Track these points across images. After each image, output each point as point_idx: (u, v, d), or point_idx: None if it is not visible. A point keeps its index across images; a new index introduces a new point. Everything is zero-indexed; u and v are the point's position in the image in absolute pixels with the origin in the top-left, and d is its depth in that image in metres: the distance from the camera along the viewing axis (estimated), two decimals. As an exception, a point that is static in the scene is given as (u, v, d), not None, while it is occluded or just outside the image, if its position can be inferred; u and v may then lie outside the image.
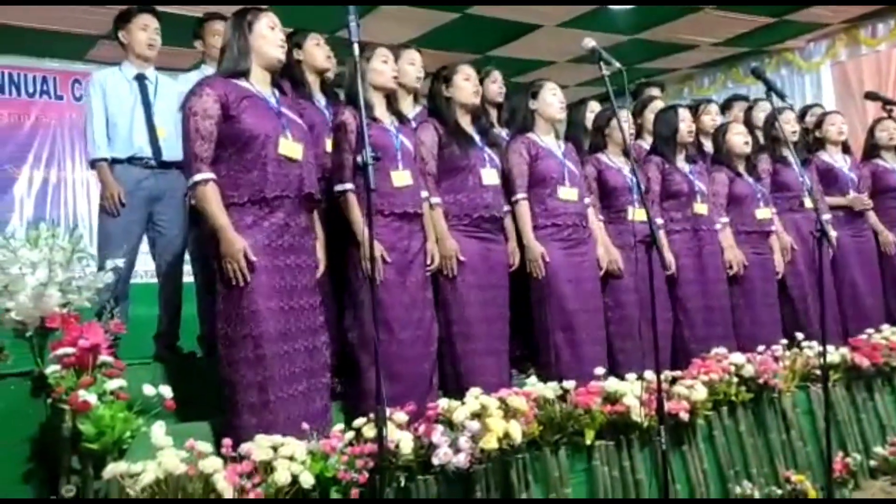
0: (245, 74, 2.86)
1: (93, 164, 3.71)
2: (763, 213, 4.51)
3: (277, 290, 2.73)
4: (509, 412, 2.82)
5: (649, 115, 4.56)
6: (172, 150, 3.70)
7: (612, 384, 3.19)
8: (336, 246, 3.20)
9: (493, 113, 4.22)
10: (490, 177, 3.54)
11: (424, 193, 3.37)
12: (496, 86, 4.23)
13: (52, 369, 2.45)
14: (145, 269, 4.00)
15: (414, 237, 3.24)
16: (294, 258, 2.81)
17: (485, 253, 3.49)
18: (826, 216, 4.72)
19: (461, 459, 2.60)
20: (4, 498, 2.40)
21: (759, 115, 5.05)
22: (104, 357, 2.50)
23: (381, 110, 3.28)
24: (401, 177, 3.20)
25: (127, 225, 3.62)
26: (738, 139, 4.52)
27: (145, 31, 3.77)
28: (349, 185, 3.14)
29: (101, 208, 3.69)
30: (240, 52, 2.85)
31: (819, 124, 5.16)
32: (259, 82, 2.88)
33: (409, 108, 3.76)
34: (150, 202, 3.69)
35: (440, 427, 2.68)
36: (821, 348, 3.56)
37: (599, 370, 3.33)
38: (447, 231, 3.41)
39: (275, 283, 2.73)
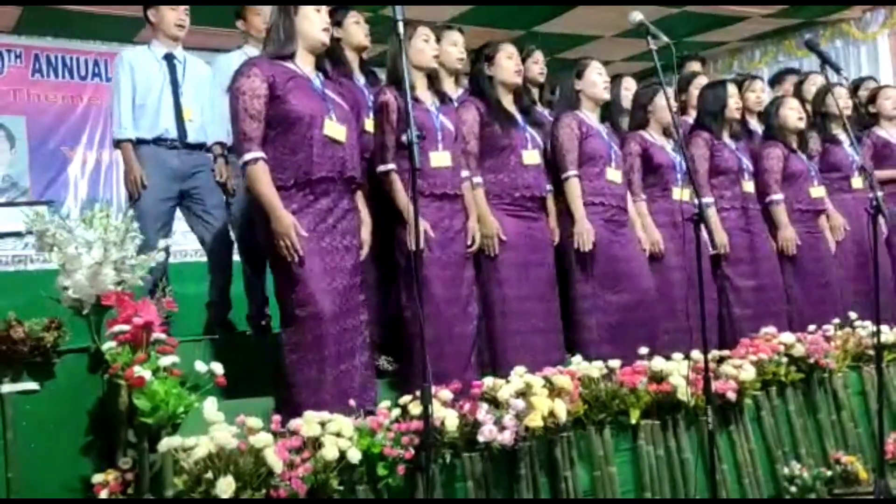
0: (291, 56, 2.87)
1: (117, 143, 3.70)
2: (817, 191, 4.41)
3: (328, 271, 2.77)
4: (554, 391, 2.82)
5: (694, 91, 4.47)
6: (198, 132, 3.74)
7: (658, 363, 3.17)
8: (381, 226, 3.22)
9: (535, 92, 4.19)
10: (531, 157, 3.51)
11: (465, 173, 3.36)
12: (538, 66, 4.19)
13: (108, 346, 2.52)
14: (194, 247, 4.06)
15: (455, 216, 3.24)
16: (340, 239, 2.83)
17: (526, 231, 3.48)
18: (879, 193, 4.60)
19: (506, 437, 2.62)
20: (63, 471, 2.50)
21: (811, 89, 4.91)
22: (157, 334, 2.56)
23: (422, 90, 3.27)
24: (440, 158, 3.19)
25: (156, 203, 3.60)
26: (792, 114, 4.41)
27: (174, 10, 3.76)
28: (392, 166, 3.14)
29: (127, 191, 3.68)
30: (285, 33, 2.86)
31: (873, 98, 5.00)
32: (304, 64, 2.90)
33: (452, 89, 3.75)
34: (180, 180, 3.68)
35: (485, 405, 2.70)
36: (874, 328, 3.49)
37: (643, 350, 3.31)
38: (489, 211, 3.40)
39: (325, 265, 2.76)
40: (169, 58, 3.78)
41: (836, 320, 4.02)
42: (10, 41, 6.64)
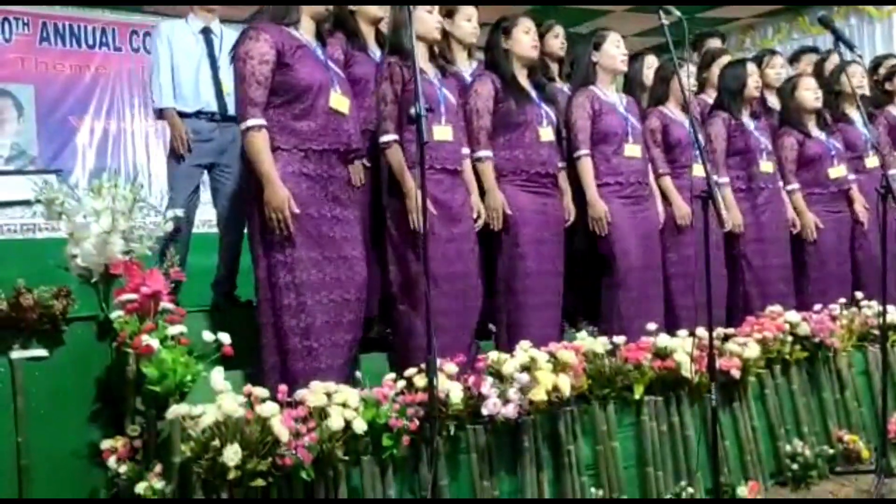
0: (295, 24, 2.84)
1: (160, 113, 3.80)
2: (837, 171, 4.38)
3: (317, 239, 2.75)
4: (558, 365, 2.83)
5: (716, 70, 4.42)
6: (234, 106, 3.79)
7: (663, 340, 3.18)
8: (375, 198, 3.20)
9: (555, 67, 4.16)
10: (546, 134, 3.51)
11: (465, 150, 3.34)
12: (558, 40, 4.16)
13: (116, 314, 2.54)
14: (203, 218, 4.08)
15: (456, 190, 3.22)
16: (339, 209, 2.82)
17: (540, 207, 3.48)
18: (893, 171, 4.57)
19: (510, 410, 2.64)
20: (72, 437, 2.53)
21: (831, 69, 4.86)
22: (165, 304, 2.58)
23: (424, 61, 3.21)
24: (443, 132, 3.16)
25: (190, 170, 3.75)
26: (808, 95, 4.36)
27: None
28: (394, 136, 3.11)
29: (170, 152, 3.80)
30: None
31: (890, 76, 4.95)
32: (307, 32, 2.87)
33: (465, 63, 3.72)
34: (215, 153, 3.78)
35: (489, 378, 2.71)
36: (880, 308, 3.48)
37: (651, 325, 3.31)
38: (495, 184, 3.39)
39: (315, 232, 2.75)
40: (206, 32, 3.84)
41: (843, 300, 4.02)
42: (18, 9, 6.60)
